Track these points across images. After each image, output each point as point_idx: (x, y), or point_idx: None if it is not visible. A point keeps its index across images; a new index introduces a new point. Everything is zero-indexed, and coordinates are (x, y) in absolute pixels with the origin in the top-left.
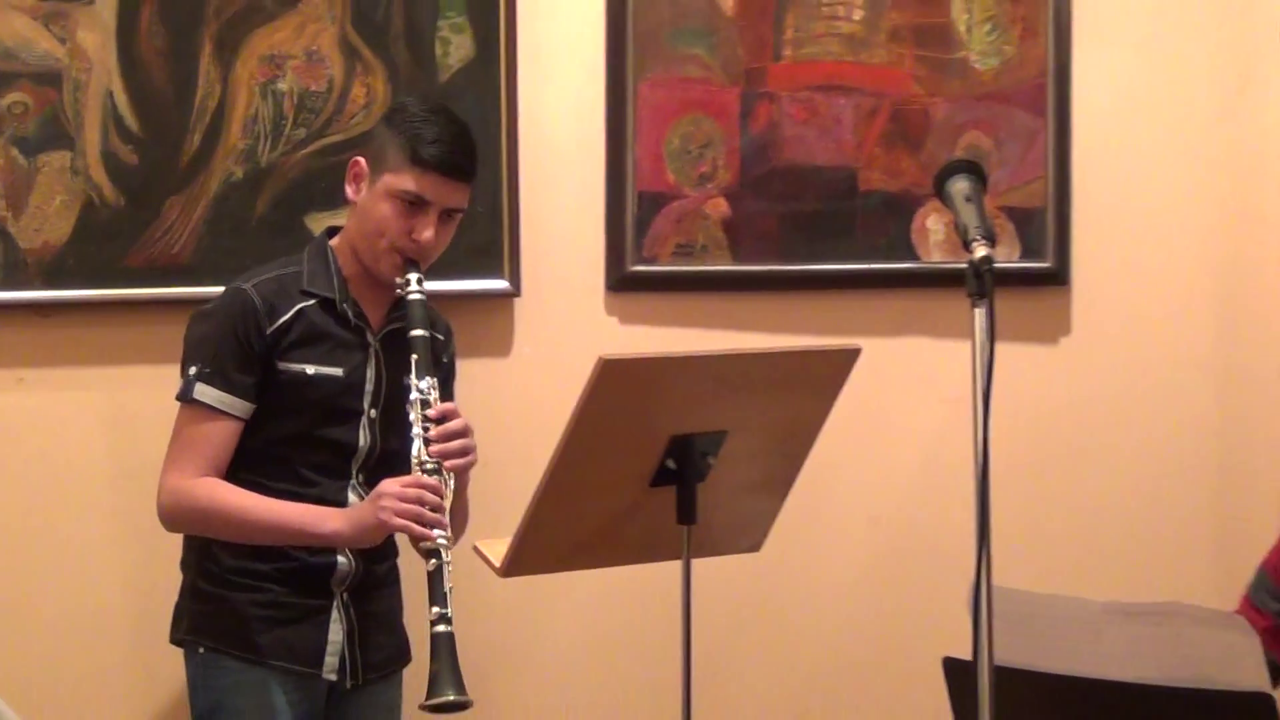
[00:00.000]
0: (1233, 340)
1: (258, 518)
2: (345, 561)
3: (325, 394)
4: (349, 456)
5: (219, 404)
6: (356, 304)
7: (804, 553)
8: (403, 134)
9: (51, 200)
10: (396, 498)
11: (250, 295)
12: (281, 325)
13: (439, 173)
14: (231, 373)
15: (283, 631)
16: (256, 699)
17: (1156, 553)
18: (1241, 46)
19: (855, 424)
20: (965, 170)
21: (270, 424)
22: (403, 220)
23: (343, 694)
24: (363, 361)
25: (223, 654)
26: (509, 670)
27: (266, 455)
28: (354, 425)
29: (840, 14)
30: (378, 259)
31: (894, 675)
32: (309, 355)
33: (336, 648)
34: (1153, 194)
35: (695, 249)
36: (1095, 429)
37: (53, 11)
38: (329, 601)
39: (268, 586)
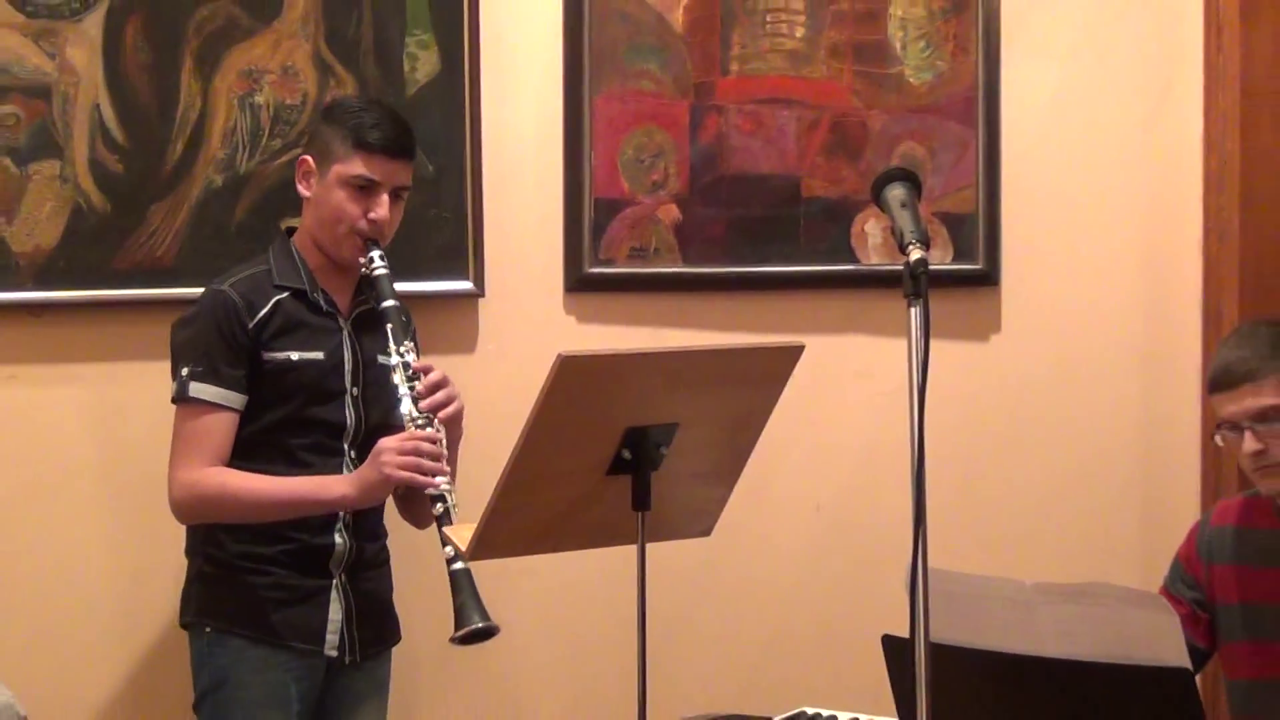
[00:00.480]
0: (1153, 338)
1: (269, 495)
2: (341, 542)
3: (310, 377)
4: (339, 435)
5: (215, 398)
6: (326, 292)
7: (752, 537)
8: (345, 125)
9: (42, 206)
10: (396, 452)
11: (229, 294)
12: (261, 318)
13: (385, 154)
14: (222, 368)
15: (286, 611)
16: (261, 675)
17: (1083, 536)
18: (1161, 62)
19: (799, 416)
20: (901, 178)
21: (263, 412)
22: (357, 204)
23: (338, 670)
24: (339, 344)
25: (228, 634)
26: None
27: (263, 442)
28: (339, 404)
29: (783, 31)
30: (339, 244)
31: (836, 653)
32: (290, 343)
33: (336, 626)
34: (1077, 200)
35: (648, 252)
36: (1024, 421)
37: (43, 29)
38: (328, 582)
39: (270, 569)
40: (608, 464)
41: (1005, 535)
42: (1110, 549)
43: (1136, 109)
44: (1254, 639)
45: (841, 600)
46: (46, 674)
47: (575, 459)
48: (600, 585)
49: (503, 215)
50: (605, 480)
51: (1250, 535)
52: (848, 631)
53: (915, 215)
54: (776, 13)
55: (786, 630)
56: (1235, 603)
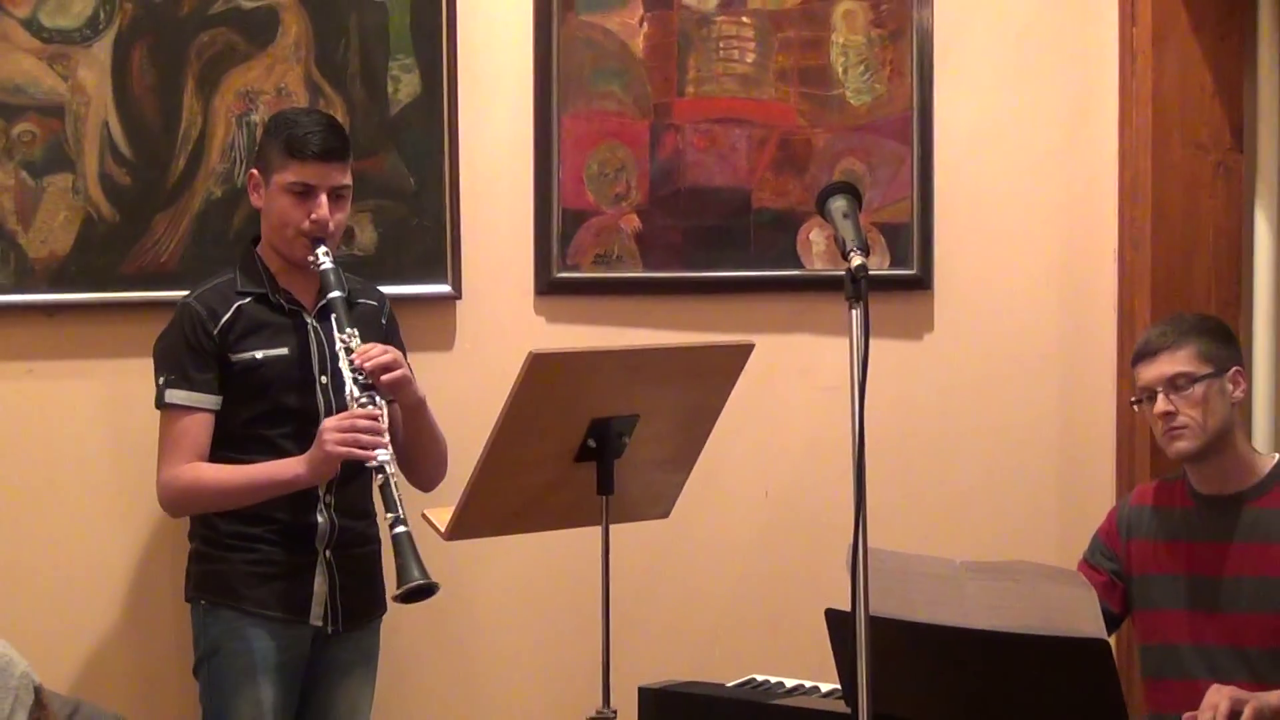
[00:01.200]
0: (1072, 338)
1: (234, 482)
2: (324, 521)
3: (278, 371)
4: (314, 421)
5: (187, 401)
6: (288, 292)
7: (706, 520)
8: (279, 137)
9: (56, 216)
10: (336, 430)
11: (194, 306)
12: (224, 324)
13: (316, 159)
14: (192, 374)
15: (272, 585)
16: (251, 644)
17: (1008, 518)
18: (1080, 84)
19: (750, 409)
20: (843, 191)
21: (240, 408)
22: (298, 208)
23: (326, 639)
24: (305, 338)
25: (221, 606)
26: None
27: (243, 435)
28: (311, 393)
29: (735, 57)
30: (290, 245)
31: (784, 625)
32: (255, 343)
33: (321, 598)
34: (1003, 211)
35: (611, 258)
36: (955, 414)
37: (56, 53)
38: (313, 558)
39: (258, 546)
40: (575, 452)
41: (937, 518)
42: (1032, 530)
43: (1058, 127)
44: (1161, 607)
45: (788, 578)
46: (61, 645)
47: (545, 447)
48: (568, 563)
49: (478, 224)
50: (572, 467)
51: (1163, 513)
52: (794, 606)
53: (856, 225)
54: (729, 39)
55: (738, 605)
56: (1146, 574)
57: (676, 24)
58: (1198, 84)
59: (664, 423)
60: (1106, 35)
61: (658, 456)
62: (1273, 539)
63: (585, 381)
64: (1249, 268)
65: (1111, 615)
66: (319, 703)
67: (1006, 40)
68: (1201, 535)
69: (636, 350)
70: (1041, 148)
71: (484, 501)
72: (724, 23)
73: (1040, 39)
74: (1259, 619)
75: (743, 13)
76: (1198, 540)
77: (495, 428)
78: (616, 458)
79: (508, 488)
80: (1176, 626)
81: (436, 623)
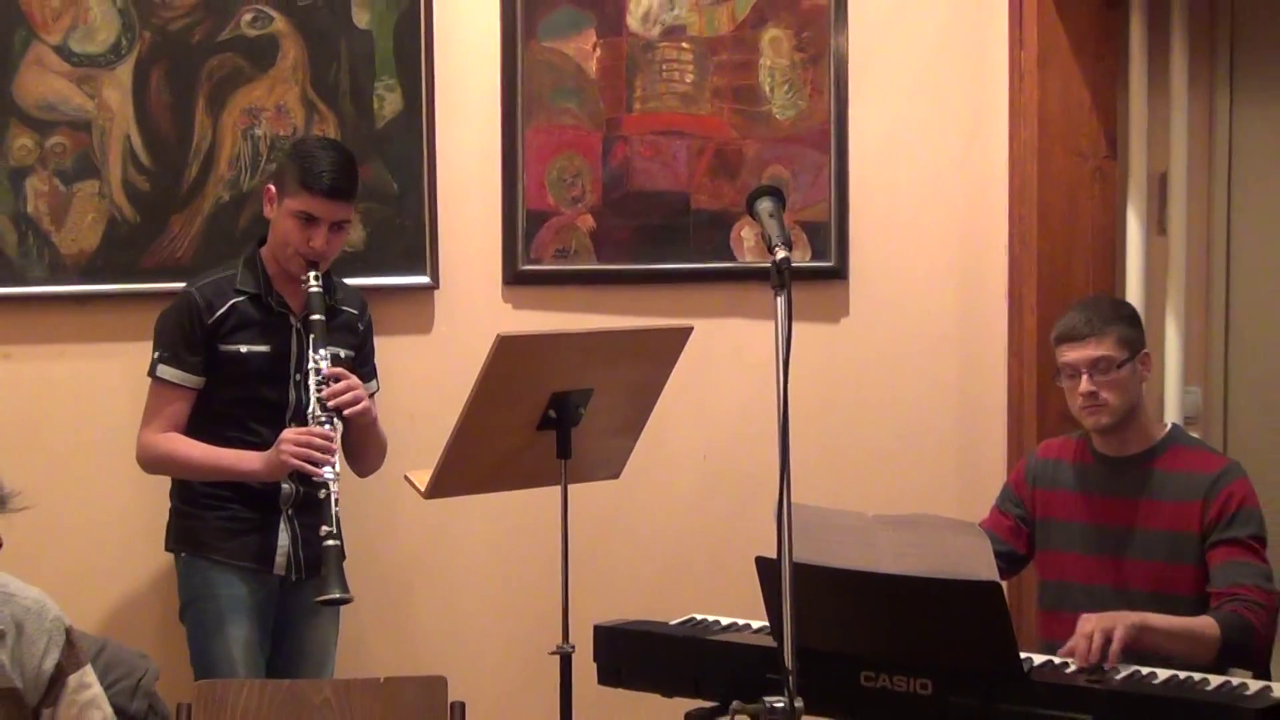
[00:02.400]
0: (968, 321)
1: (199, 462)
2: (288, 486)
3: (257, 366)
4: (282, 409)
5: (175, 379)
6: (280, 296)
7: (652, 480)
8: (298, 165)
9: (85, 217)
10: (292, 442)
11: (194, 296)
12: (219, 317)
13: (325, 196)
14: (184, 355)
15: (242, 539)
16: (223, 590)
17: (913, 477)
18: (975, 101)
19: (690, 383)
20: (769, 194)
21: (221, 390)
22: (301, 233)
23: (289, 587)
24: (288, 338)
25: (198, 557)
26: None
27: (222, 414)
28: (285, 386)
29: (676, 77)
30: (288, 262)
31: (720, 570)
32: (242, 338)
33: (284, 550)
34: (909, 211)
35: (569, 253)
36: (867, 387)
37: (84, 75)
38: (277, 516)
39: (228, 505)
40: (537, 421)
41: (852, 477)
42: (934, 487)
43: (956, 138)
44: (1060, 549)
45: (723, 529)
46: (88, 592)
47: (511, 417)
48: (532, 518)
49: (453, 223)
50: (535, 434)
51: (1066, 467)
52: (728, 554)
53: (780, 223)
54: (670, 63)
55: (680, 553)
56: (1049, 519)
57: (625, 49)
58: (1077, 100)
59: (615, 395)
60: (998, 58)
61: (610, 425)
62: (1162, 497)
63: (546, 360)
64: (1121, 260)
65: (1017, 555)
66: (292, 643)
67: (911, 63)
68: (1100, 489)
69: (591, 333)
70: (942, 156)
71: (458, 464)
72: (666, 48)
73: (940, 61)
74: (1144, 565)
75: (682, 39)
76: (1096, 493)
77: (468, 400)
78: (574, 426)
79: (479, 453)
80: (1071, 567)
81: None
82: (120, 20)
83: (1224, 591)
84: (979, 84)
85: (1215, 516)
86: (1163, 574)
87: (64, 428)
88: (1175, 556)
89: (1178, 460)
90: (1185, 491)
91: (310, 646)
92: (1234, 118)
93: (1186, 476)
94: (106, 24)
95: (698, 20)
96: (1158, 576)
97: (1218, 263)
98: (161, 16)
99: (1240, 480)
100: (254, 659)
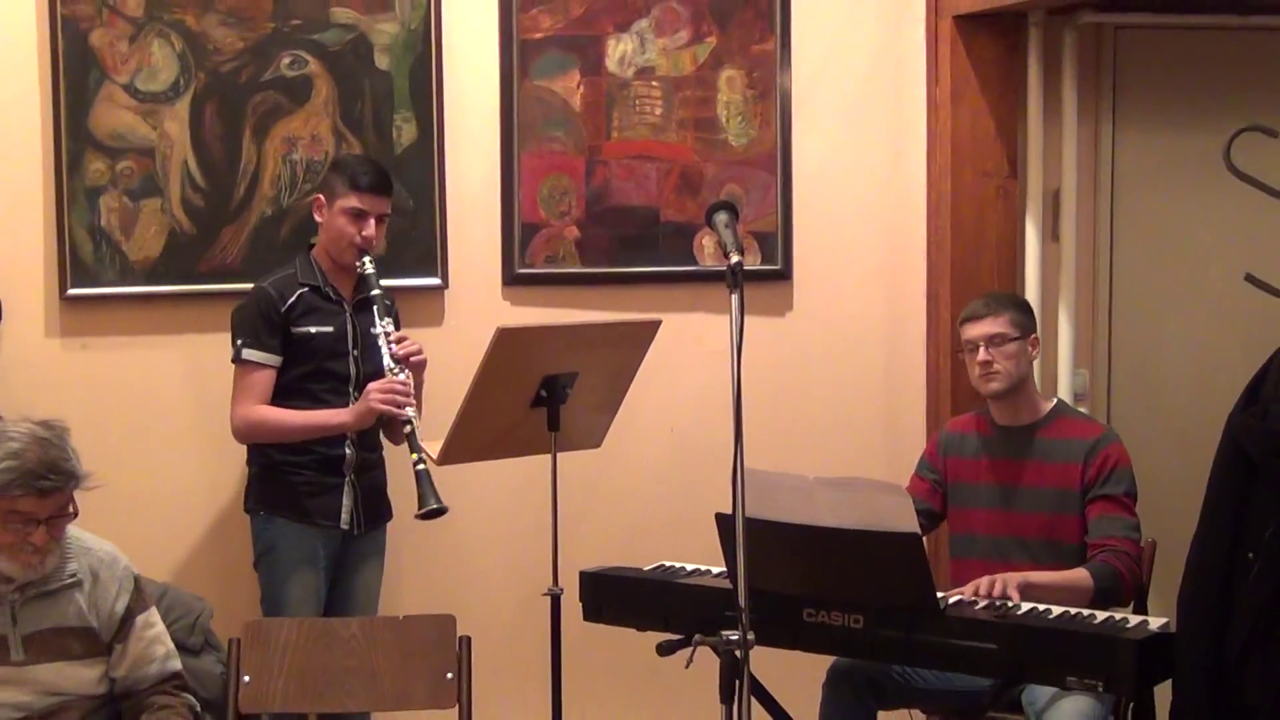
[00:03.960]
0: (893, 315)
1: (295, 423)
2: (350, 453)
3: (324, 343)
4: (345, 380)
5: (259, 359)
6: (335, 288)
7: (628, 448)
8: (345, 174)
9: (149, 229)
10: (379, 390)
11: (269, 289)
12: (290, 305)
13: (370, 192)
14: (264, 338)
15: (314, 500)
16: (297, 542)
17: (847, 446)
18: (899, 129)
19: (659, 367)
20: (725, 208)
21: (294, 367)
22: (353, 226)
23: (350, 538)
24: (344, 321)
25: (274, 515)
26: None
27: (294, 388)
28: (345, 360)
29: (647, 111)
30: (343, 254)
31: (685, 524)
32: (310, 321)
33: (348, 508)
34: (842, 223)
35: (558, 259)
36: (808, 371)
37: (149, 109)
38: (342, 480)
39: (303, 471)
40: (531, 400)
41: (795, 446)
42: (864, 454)
43: (882, 161)
44: (968, 506)
45: (687, 490)
46: (154, 546)
47: (509, 397)
48: (527, 480)
49: (460, 234)
50: (529, 411)
51: (971, 438)
52: (692, 511)
53: (735, 233)
54: (642, 98)
55: (651, 510)
56: (958, 481)
57: (604, 87)
58: (984, 129)
59: (596, 378)
60: (916, 93)
61: (592, 403)
62: (1049, 459)
63: (538, 349)
64: (1021, 263)
65: (935, 513)
66: (345, 584)
67: (844, 98)
68: (999, 455)
69: (576, 325)
70: (870, 176)
71: (464, 436)
72: (639, 86)
73: (868, 96)
74: (1035, 517)
75: (652, 79)
76: (997, 458)
77: (472, 383)
78: (561, 404)
79: (482, 426)
80: (978, 521)
81: (433, 526)
82: (179, 63)
83: (1098, 542)
84: (901, 116)
85: (1093, 475)
86: (1051, 524)
87: (132, 406)
88: (1061, 509)
89: (1062, 428)
90: (1068, 454)
91: (359, 589)
92: (1115, 143)
93: (1069, 442)
94: (167, 66)
95: (665, 63)
96: (1047, 527)
97: (1102, 265)
98: (214, 60)
99: (1115, 445)
100: (316, 601)
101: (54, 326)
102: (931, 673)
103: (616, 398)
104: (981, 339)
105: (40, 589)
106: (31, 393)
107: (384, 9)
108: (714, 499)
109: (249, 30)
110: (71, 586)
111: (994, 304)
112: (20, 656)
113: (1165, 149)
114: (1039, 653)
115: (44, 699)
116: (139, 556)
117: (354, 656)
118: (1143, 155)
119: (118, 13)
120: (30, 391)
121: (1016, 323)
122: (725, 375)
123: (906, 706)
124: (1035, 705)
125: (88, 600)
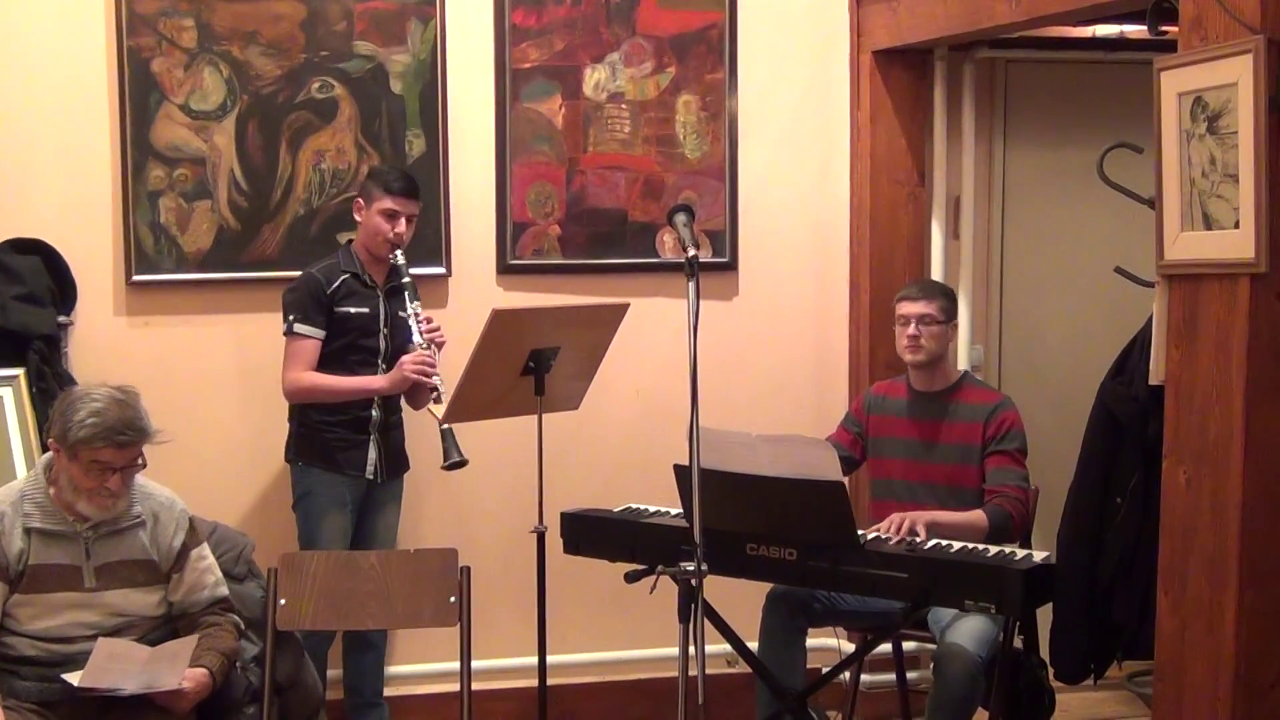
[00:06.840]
0: (821, 301)
1: (339, 386)
2: (376, 414)
3: (360, 322)
4: (375, 354)
5: (308, 332)
6: (370, 275)
7: (601, 409)
8: (379, 181)
9: (201, 225)
10: (411, 362)
11: (316, 275)
12: (334, 289)
13: (401, 195)
14: (313, 315)
15: (345, 453)
16: (329, 489)
17: (783, 409)
18: (827, 145)
19: (628, 342)
20: (683, 210)
21: (334, 341)
22: (388, 224)
23: (373, 487)
24: (377, 304)
25: (311, 466)
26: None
27: (333, 359)
28: (377, 336)
29: (617, 129)
30: (378, 247)
31: (648, 474)
32: (350, 302)
33: (373, 461)
34: (779, 223)
35: (543, 252)
36: (751, 345)
37: (200, 125)
38: (368, 437)
39: (336, 429)
40: (520, 370)
41: (741, 409)
42: (798, 415)
43: (813, 172)
44: (886, 457)
45: (651, 444)
46: (205, 491)
47: (502, 367)
48: (517, 436)
49: (462, 231)
50: (519, 379)
51: (891, 400)
52: (655, 463)
53: (691, 231)
54: (613, 118)
55: (621, 461)
56: (879, 436)
57: (582, 109)
58: (897, 145)
59: (576, 351)
60: (841, 115)
61: (572, 372)
62: (956, 419)
63: (527, 327)
64: (928, 256)
65: (854, 460)
66: (369, 525)
67: (781, 119)
68: (915, 415)
69: (558, 308)
70: (803, 184)
71: (465, 400)
72: (611, 108)
73: (801, 118)
74: (943, 467)
75: (622, 102)
76: (914, 418)
77: (471, 355)
78: (546, 373)
79: (480, 391)
80: (894, 469)
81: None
82: (226, 87)
83: (994, 489)
84: (828, 134)
85: (992, 434)
86: (956, 473)
87: (187, 374)
88: (965, 461)
89: (968, 395)
90: (972, 416)
91: (381, 529)
92: (1007, 158)
93: (973, 406)
94: (216, 89)
95: (633, 89)
96: (953, 475)
97: (995, 259)
98: (255, 84)
99: (1011, 410)
100: (344, 539)
101: (121, 307)
102: (853, 597)
103: (592, 367)
104: (913, 316)
105: (110, 528)
106: (103, 362)
107: (398, 42)
108: (673, 452)
109: (285, 60)
110: (136, 526)
111: (928, 290)
112: (93, 584)
113: (1048, 162)
114: (943, 580)
115: (112, 619)
116: (193, 499)
117: (372, 583)
118: (1029, 167)
119: (175, 44)
120: (102, 361)
121: (944, 309)
122: (683, 349)
123: (832, 625)
124: (939, 624)
125: (149, 537)
